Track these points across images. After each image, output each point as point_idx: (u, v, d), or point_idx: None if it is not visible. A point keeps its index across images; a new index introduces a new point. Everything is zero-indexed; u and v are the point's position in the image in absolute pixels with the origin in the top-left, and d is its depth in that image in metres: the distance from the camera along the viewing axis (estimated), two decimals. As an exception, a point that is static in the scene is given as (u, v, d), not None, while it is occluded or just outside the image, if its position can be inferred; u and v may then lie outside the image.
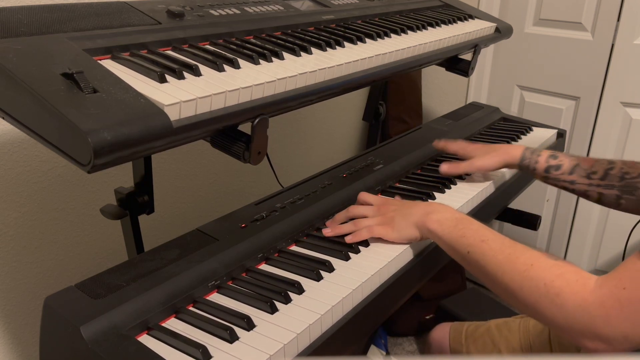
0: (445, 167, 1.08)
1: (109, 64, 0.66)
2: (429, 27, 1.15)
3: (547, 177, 1.03)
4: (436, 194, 1.03)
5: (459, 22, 1.27)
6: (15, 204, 1.08)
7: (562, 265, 0.66)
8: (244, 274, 0.78)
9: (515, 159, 1.06)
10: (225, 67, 0.71)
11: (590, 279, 0.63)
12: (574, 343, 0.64)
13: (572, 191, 1.01)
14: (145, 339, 0.64)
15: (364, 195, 0.94)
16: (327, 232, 0.87)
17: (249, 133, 0.69)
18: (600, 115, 1.70)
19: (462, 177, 1.11)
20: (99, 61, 0.64)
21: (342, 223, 0.89)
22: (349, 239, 0.85)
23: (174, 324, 0.67)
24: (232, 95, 0.65)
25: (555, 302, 0.63)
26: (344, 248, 0.82)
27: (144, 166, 0.89)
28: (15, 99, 0.58)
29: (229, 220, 0.86)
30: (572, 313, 0.62)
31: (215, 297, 0.72)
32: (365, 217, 0.88)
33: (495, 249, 0.72)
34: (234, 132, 0.69)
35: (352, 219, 0.89)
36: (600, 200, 0.99)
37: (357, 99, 1.92)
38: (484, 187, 1.07)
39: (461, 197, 1.02)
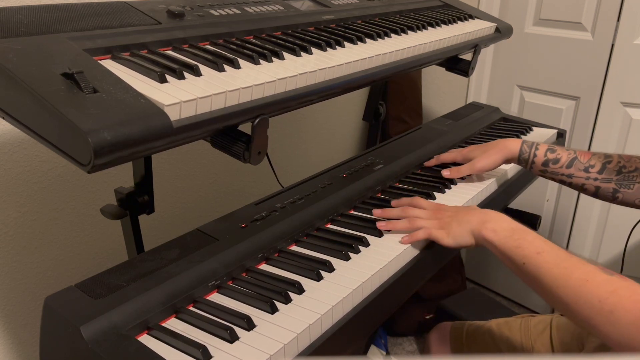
0: (446, 174, 1.09)
1: (109, 64, 0.66)
2: (429, 27, 1.15)
3: (545, 170, 1.03)
4: (436, 194, 1.03)
5: (459, 22, 1.27)
6: (15, 204, 1.08)
7: (616, 281, 0.65)
8: (244, 274, 0.78)
9: (514, 153, 1.06)
10: (226, 67, 0.71)
11: None
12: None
13: (570, 185, 1.02)
14: (145, 339, 0.64)
15: (418, 200, 0.93)
16: (382, 225, 0.88)
17: (249, 133, 0.69)
18: (600, 115, 1.70)
19: (462, 177, 1.11)
20: (99, 61, 0.64)
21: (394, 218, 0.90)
22: (405, 240, 0.85)
23: (174, 324, 0.67)
24: (232, 95, 0.65)
25: (609, 319, 0.63)
26: (344, 248, 0.82)
27: (144, 166, 0.89)
28: (15, 99, 0.58)
29: (229, 220, 0.86)
30: (626, 330, 0.62)
31: (216, 297, 0.72)
32: (419, 218, 0.88)
33: (551, 262, 0.71)
34: (234, 132, 0.69)
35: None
36: (597, 193, 0.99)
37: (357, 99, 1.92)
38: (484, 187, 1.07)
39: (461, 197, 1.02)
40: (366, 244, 0.85)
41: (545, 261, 0.72)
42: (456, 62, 1.24)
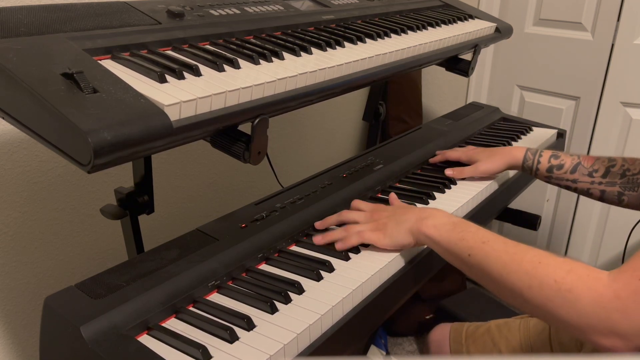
0: (449, 173, 1.09)
1: (109, 64, 0.66)
2: (429, 27, 1.15)
3: (550, 177, 1.03)
4: (436, 194, 1.02)
5: (459, 22, 1.27)
6: (15, 204, 1.08)
7: (571, 262, 0.64)
8: (244, 274, 0.78)
9: (518, 161, 1.07)
10: (226, 67, 0.71)
11: (602, 273, 0.61)
12: (588, 342, 0.61)
13: (575, 190, 1.02)
14: (145, 339, 0.64)
15: (357, 202, 0.92)
16: (318, 240, 0.84)
17: (249, 133, 0.69)
18: (600, 115, 1.70)
19: (454, 181, 1.11)
20: (99, 61, 0.64)
21: (333, 227, 0.88)
22: (338, 246, 0.82)
23: (174, 324, 0.67)
24: (232, 96, 0.65)
25: (567, 298, 0.61)
26: (344, 248, 0.82)
27: (144, 166, 0.89)
28: (15, 99, 0.58)
29: (229, 220, 0.86)
30: (586, 309, 0.59)
31: (215, 297, 0.72)
32: (357, 222, 0.86)
33: (499, 250, 0.69)
34: (234, 132, 0.69)
35: (343, 224, 0.87)
36: (602, 197, 0.99)
37: (357, 99, 1.91)
38: (484, 187, 1.07)
39: (461, 197, 1.02)
40: (366, 244, 0.85)
41: (493, 249, 0.70)
42: (456, 62, 1.24)
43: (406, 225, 0.81)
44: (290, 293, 0.72)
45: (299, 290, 0.72)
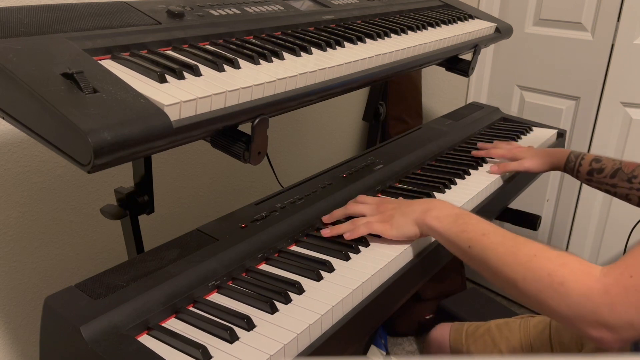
0: (495, 169, 1.13)
1: (109, 64, 0.66)
2: (429, 27, 1.15)
3: (590, 179, 1.06)
4: (436, 194, 1.02)
5: (459, 22, 1.27)
6: (15, 204, 1.08)
7: (566, 256, 0.66)
8: (244, 274, 0.78)
9: (561, 162, 1.11)
10: (225, 67, 0.71)
11: (595, 268, 0.63)
12: (578, 333, 0.63)
13: (615, 194, 1.05)
14: (145, 339, 0.64)
15: (362, 197, 0.93)
16: (326, 232, 0.87)
17: (249, 133, 0.69)
18: (600, 115, 1.70)
19: (462, 177, 1.11)
20: (99, 61, 0.64)
21: (340, 221, 0.89)
22: (347, 236, 0.84)
23: (174, 324, 0.67)
24: (232, 95, 0.65)
25: (559, 291, 0.63)
26: (344, 248, 0.82)
27: (144, 166, 0.89)
28: (15, 99, 0.58)
29: (229, 220, 0.86)
30: (576, 301, 0.61)
31: (215, 297, 0.72)
32: (363, 215, 0.88)
33: (497, 242, 0.72)
34: (234, 132, 0.69)
35: (350, 218, 0.89)
36: None
37: (357, 99, 1.92)
38: (485, 186, 1.07)
39: (461, 196, 1.02)
40: (367, 243, 0.85)
41: (491, 241, 0.72)
42: (456, 62, 1.24)
43: (411, 216, 0.83)
44: (290, 293, 0.72)
45: (299, 290, 0.72)
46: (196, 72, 0.67)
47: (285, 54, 0.80)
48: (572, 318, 0.62)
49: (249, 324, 0.65)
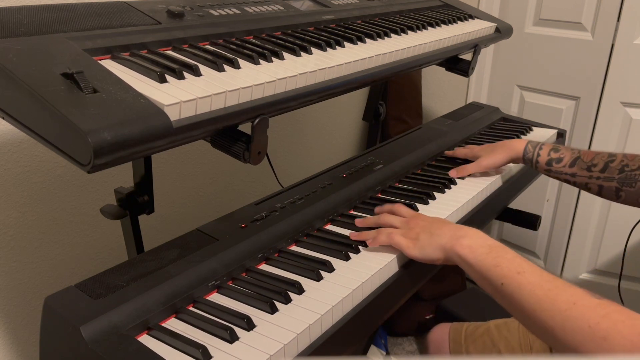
0: (453, 174, 1.11)
1: (109, 64, 0.66)
2: (429, 27, 1.15)
3: (550, 170, 1.04)
4: (436, 194, 1.02)
5: (459, 22, 1.27)
6: (15, 204, 1.08)
7: (607, 305, 0.60)
8: (244, 274, 0.78)
9: (518, 153, 1.09)
10: (225, 67, 0.71)
11: (637, 319, 0.58)
12: None
13: (574, 184, 1.02)
14: (145, 339, 0.64)
15: (399, 207, 0.90)
16: (353, 235, 0.86)
17: (249, 133, 0.69)
18: (600, 115, 1.70)
19: (462, 177, 1.11)
20: (99, 61, 0.64)
21: (369, 227, 0.88)
22: (369, 243, 0.83)
23: (174, 324, 0.67)
24: (232, 95, 0.65)
25: (602, 346, 0.57)
26: (344, 248, 0.82)
27: (144, 166, 0.89)
28: (15, 99, 0.58)
29: (229, 220, 0.86)
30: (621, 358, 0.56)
31: (215, 297, 0.72)
32: (393, 226, 0.85)
33: (534, 283, 0.65)
34: (234, 132, 0.69)
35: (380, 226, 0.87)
36: (600, 192, 0.99)
37: (357, 99, 1.92)
38: (484, 186, 1.07)
39: (461, 196, 1.02)
40: (366, 243, 0.85)
41: (528, 282, 0.66)
42: (456, 62, 1.24)
43: (439, 240, 0.78)
44: (290, 293, 0.72)
45: (299, 290, 0.72)
46: (196, 72, 0.67)
47: (285, 54, 0.80)
48: None
49: (249, 324, 0.65)
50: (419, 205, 0.97)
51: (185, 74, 0.66)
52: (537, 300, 0.64)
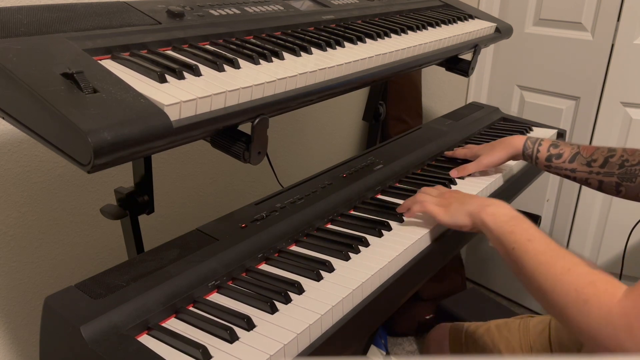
0: (454, 172, 1.11)
1: (109, 64, 0.66)
2: (429, 27, 1.15)
3: (549, 165, 1.04)
4: (436, 194, 1.02)
5: (459, 22, 1.27)
6: (15, 204, 1.08)
7: (597, 274, 0.64)
8: (244, 274, 0.78)
9: (518, 150, 1.09)
10: (225, 67, 0.71)
11: (620, 289, 0.61)
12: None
13: (574, 179, 1.02)
14: (145, 339, 0.64)
15: (429, 188, 0.97)
16: (400, 209, 0.94)
17: (249, 133, 0.69)
18: (600, 115, 1.70)
19: (462, 177, 1.11)
20: (99, 61, 0.64)
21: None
22: (407, 215, 0.91)
23: (174, 324, 0.67)
24: (232, 95, 0.65)
25: (582, 309, 0.62)
26: (344, 248, 0.82)
27: (144, 166, 0.89)
28: (15, 99, 0.58)
29: (229, 220, 0.86)
30: (596, 322, 0.60)
31: (215, 297, 0.72)
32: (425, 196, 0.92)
33: (539, 250, 0.71)
34: (234, 132, 0.69)
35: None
36: (600, 188, 1.00)
37: (357, 99, 1.91)
38: (484, 187, 1.07)
39: (461, 197, 1.02)
40: (366, 244, 0.85)
41: (534, 248, 0.72)
42: (456, 62, 1.24)
43: (468, 207, 0.84)
44: (290, 293, 0.72)
45: (299, 290, 0.72)
46: (196, 72, 0.67)
47: (285, 54, 0.80)
48: (593, 338, 0.61)
49: (249, 324, 0.65)
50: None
51: (185, 74, 0.66)
52: (538, 264, 0.70)
